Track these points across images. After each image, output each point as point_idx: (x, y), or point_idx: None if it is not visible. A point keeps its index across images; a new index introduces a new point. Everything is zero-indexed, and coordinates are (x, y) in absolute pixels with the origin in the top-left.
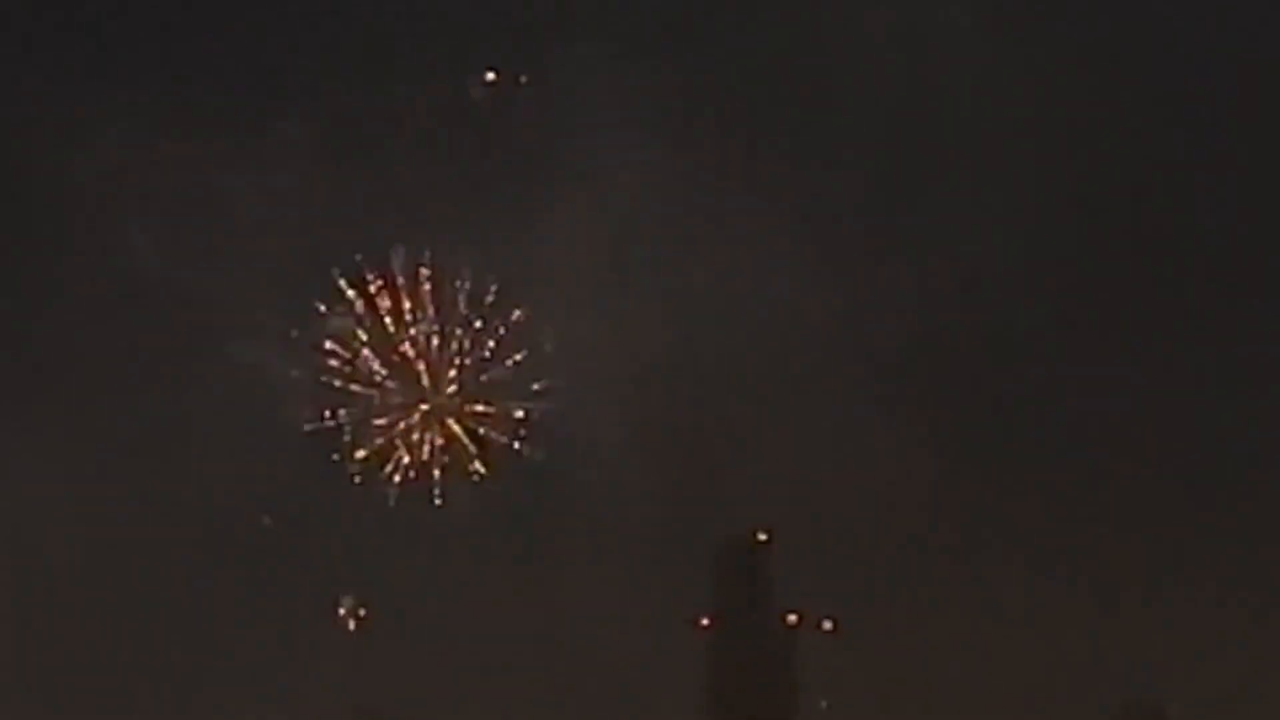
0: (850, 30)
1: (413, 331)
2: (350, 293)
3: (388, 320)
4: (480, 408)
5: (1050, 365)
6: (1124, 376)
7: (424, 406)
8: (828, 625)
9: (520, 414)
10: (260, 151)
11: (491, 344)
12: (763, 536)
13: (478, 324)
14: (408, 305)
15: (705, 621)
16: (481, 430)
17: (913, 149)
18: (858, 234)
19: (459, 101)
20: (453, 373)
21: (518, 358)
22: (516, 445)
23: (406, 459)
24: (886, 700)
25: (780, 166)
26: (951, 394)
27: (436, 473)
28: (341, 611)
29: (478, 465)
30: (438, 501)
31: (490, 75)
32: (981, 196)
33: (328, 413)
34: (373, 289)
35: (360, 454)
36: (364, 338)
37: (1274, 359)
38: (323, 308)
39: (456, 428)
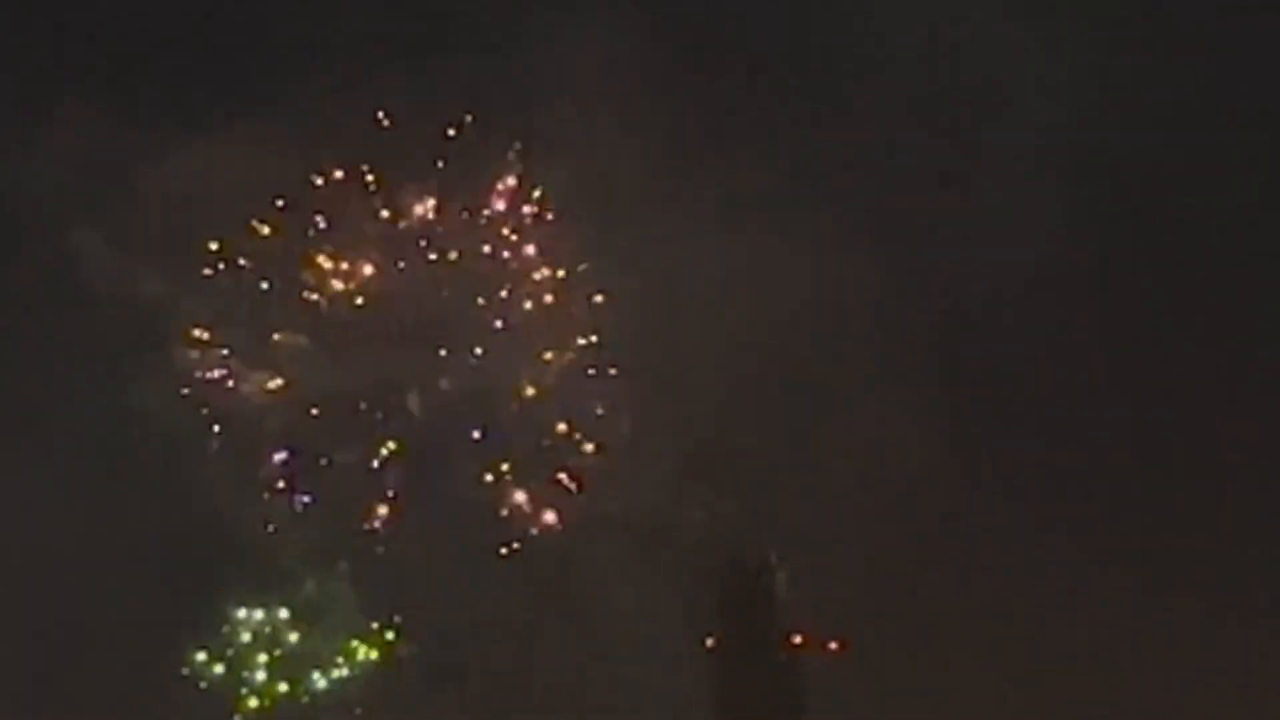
0: (883, 10)
1: None
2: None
3: None
4: None
5: (1079, 380)
6: (1162, 386)
7: None
8: (833, 646)
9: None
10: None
11: None
12: (768, 557)
13: None
14: None
15: (711, 642)
16: None
17: (941, 137)
18: (882, 233)
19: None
20: None
21: None
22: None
23: None
24: None
25: (802, 158)
26: (964, 412)
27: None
28: None
29: None
30: None
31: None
32: (1012, 192)
33: None
34: None
35: None
36: None
37: None
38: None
39: None
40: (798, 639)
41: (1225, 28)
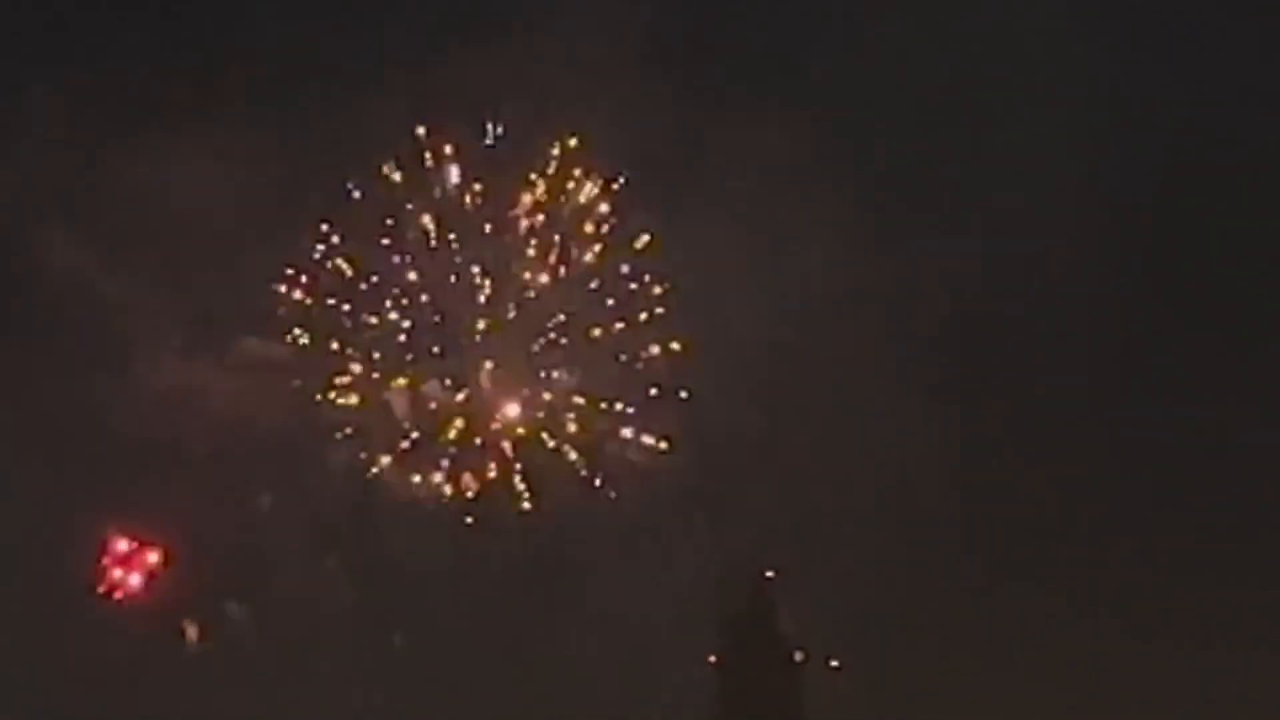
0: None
1: None
2: None
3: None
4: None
5: (1091, 394)
6: (1178, 391)
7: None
8: (834, 664)
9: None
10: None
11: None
12: (770, 574)
13: None
14: None
15: (713, 659)
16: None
17: (956, 136)
18: (892, 235)
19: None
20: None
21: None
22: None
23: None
24: None
25: (810, 156)
26: (975, 425)
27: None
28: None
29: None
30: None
31: None
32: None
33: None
34: None
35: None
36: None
37: None
38: None
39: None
40: (799, 656)
41: (1251, 28)
